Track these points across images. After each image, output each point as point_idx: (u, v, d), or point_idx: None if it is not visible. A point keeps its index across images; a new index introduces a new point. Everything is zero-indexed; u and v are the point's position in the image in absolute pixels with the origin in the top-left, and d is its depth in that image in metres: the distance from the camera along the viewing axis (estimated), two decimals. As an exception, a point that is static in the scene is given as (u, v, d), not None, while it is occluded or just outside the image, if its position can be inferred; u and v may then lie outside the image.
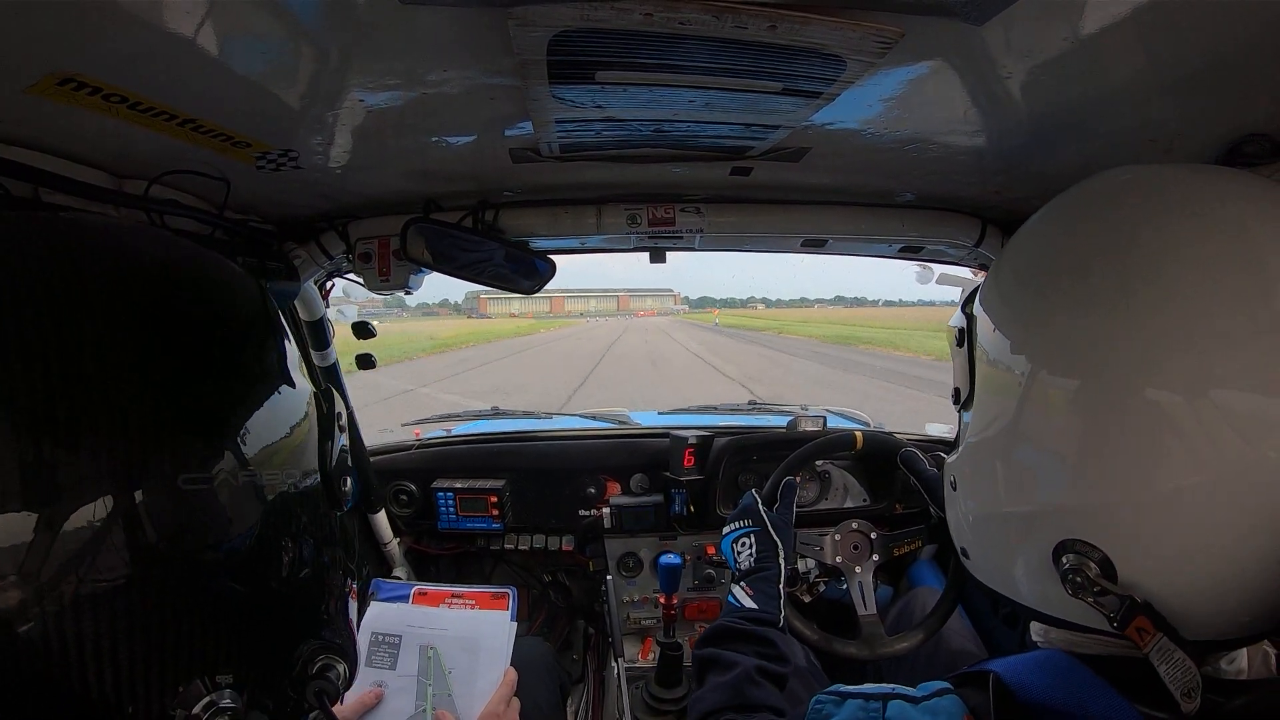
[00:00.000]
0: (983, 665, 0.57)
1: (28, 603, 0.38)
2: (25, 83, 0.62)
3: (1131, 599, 0.48)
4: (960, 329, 0.65)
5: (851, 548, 1.24)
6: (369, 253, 1.29)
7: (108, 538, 0.40)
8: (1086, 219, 0.55)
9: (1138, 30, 0.60)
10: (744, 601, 0.93)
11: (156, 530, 0.42)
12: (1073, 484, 0.51)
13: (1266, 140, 0.76)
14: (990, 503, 0.59)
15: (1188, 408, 0.45)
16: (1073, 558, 0.50)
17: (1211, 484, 0.45)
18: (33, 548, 0.38)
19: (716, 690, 0.81)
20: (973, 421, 0.62)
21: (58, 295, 0.42)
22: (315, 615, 0.56)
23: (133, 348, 0.44)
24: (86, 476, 0.40)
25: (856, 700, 0.61)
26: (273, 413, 0.51)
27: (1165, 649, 0.47)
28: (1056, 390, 0.51)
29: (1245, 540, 0.45)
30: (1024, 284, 0.58)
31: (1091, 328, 0.49)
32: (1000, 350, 0.57)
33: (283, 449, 0.52)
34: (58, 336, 0.41)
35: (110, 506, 0.40)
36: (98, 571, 0.40)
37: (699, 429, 1.75)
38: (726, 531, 1.08)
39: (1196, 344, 0.45)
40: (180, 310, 0.48)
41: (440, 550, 1.88)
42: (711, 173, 1.12)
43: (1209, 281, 0.46)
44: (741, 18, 0.57)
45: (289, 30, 0.62)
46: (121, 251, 0.48)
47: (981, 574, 0.63)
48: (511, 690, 0.95)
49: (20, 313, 0.41)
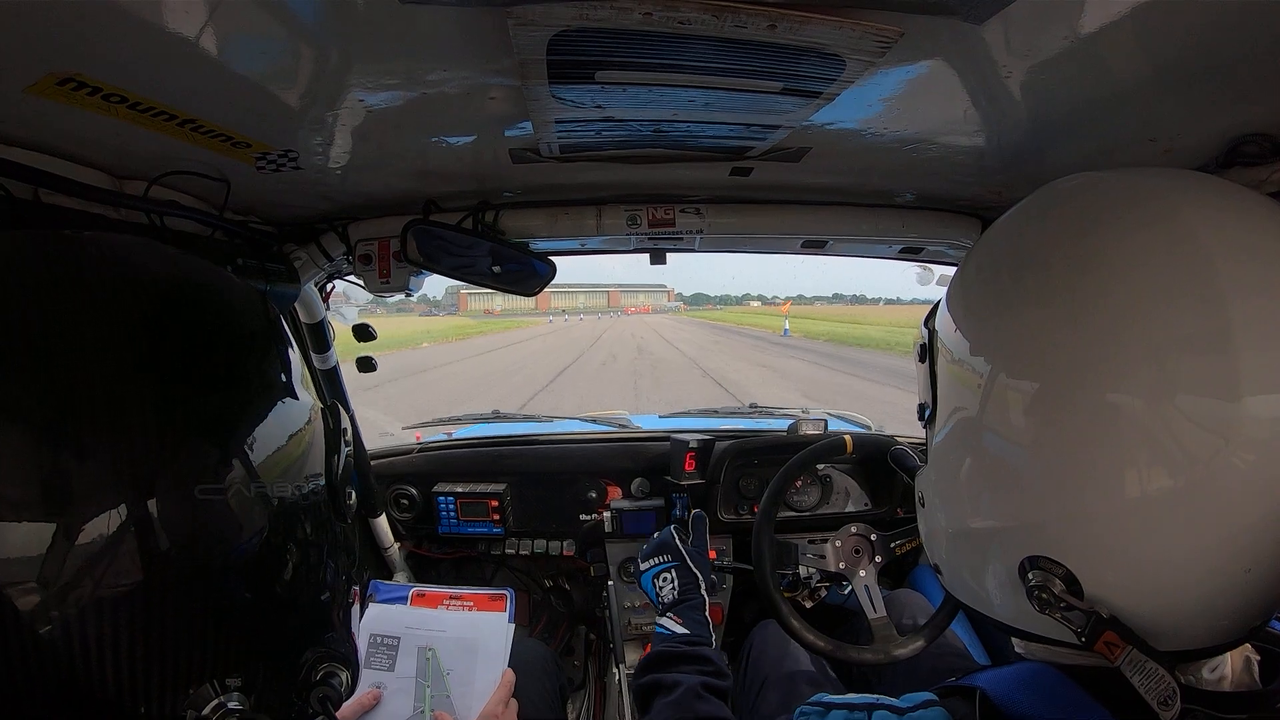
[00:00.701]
0: (970, 679, 0.57)
1: (47, 606, 0.40)
2: (25, 83, 0.62)
3: (1097, 614, 0.48)
4: (921, 345, 0.64)
5: (853, 551, 1.23)
6: (369, 254, 1.30)
7: (123, 545, 0.42)
8: (1046, 220, 0.55)
9: (1137, 30, 0.60)
10: (674, 629, 0.96)
11: (170, 538, 0.43)
12: (1033, 500, 0.50)
13: (1266, 140, 0.77)
14: (958, 518, 0.58)
15: (1144, 418, 0.44)
16: (1038, 574, 0.50)
17: (1171, 494, 0.44)
18: (51, 555, 0.40)
19: (664, 710, 0.81)
20: (936, 435, 0.61)
21: (72, 310, 0.44)
22: (320, 623, 0.57)
23: (144, 361, 0.46)
24: (101, 485, 0.42)
25: (840, 711, 0.60)
26: (281, 425, 0.53)
27: (1136, 660, 0.46)
28: (1015, 394, 0.50)
29: (1209, 551, 0.45)
30: (984, 289, 0.58)
31: (1047, 330, 0.49)
32: (961, 355, 0.56)
33: (291, 460, 0.53)
34: (73, 350, 0.43)
35: (124, 515, 0.42)
36: (114, 578, 0.41)
37: (700, 433, 1.75)
38: (645, 568, 1.11)
39: (1146, 351, 0.45)
40: (189, 324, 0.50)
41: (441, 555, 1.88)
42: (711, 173, 1.13)
43: (1160, 288, 0.45)
44: (741, 17, 0.57)
45: (289, 30, 0.62)
46: (132, 267, 0.49)
47: (955, 589, 0.62)
48: (509, 691, 0.94)
49: (38, 328, 0.43)
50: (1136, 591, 0.48)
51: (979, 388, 0.53)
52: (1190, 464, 0.44)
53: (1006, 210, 0.59)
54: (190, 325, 0.50)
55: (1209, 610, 0.47)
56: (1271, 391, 0.42)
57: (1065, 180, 0.56)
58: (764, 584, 1.21)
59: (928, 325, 0.64)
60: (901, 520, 1.63)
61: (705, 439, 1.69)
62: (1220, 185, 0.51)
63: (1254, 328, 0.43)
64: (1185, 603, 0.47)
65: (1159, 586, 0.47)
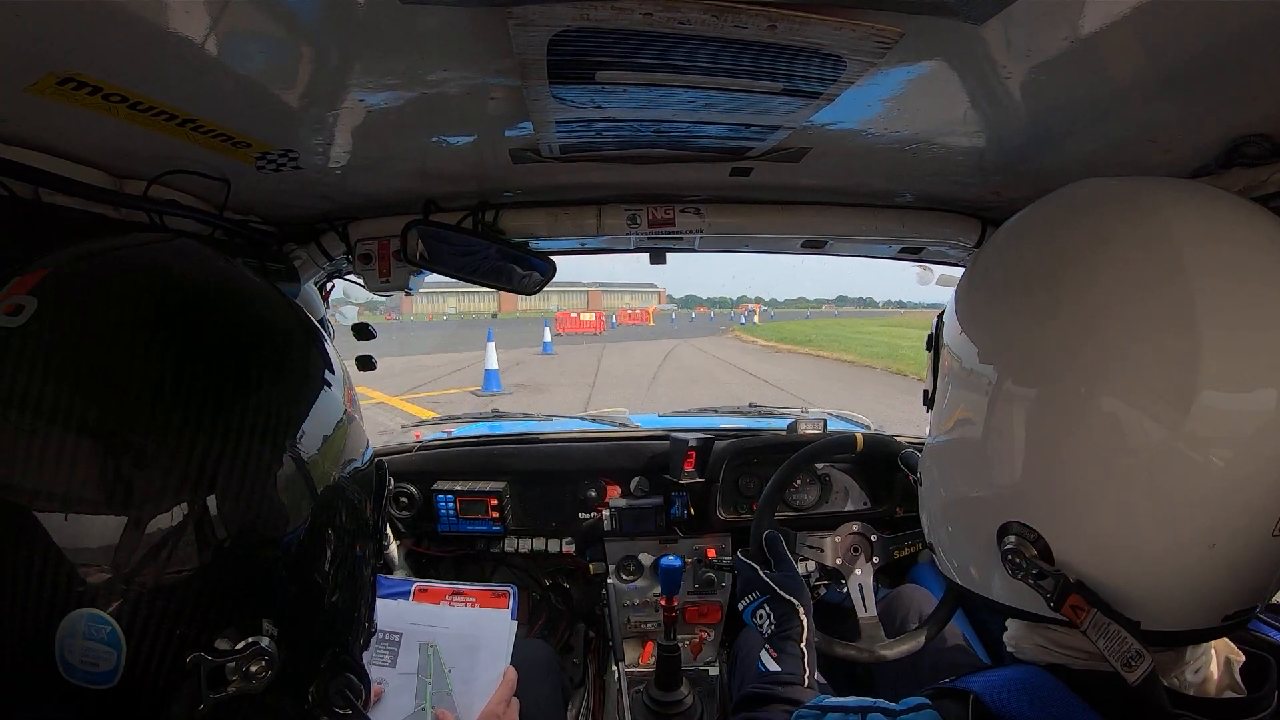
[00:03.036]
0: (963, 682, 0.58)
1: (114, 583, 0.44)
2: (25, 82, 0.62)
3: (1064, 577, 0.51)
4: (930, 335, 0.69)
5: (851, 550, 1.24)
6: (369, 254, 1.30)
7: (184, 533, 0.45)
8: (1042, 227, 0.59)
9: (1137, 30, 0.60)
10: (769, 665, 0.93)
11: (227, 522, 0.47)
12: (1015, 468, 0.54)
13: (1266, 140, 0.76)
14: (946, 491, 0.63)
15: (1112, 402, 0.48)
16: (1013, 539, 0.54)
17: (1131, 469, 0.48)
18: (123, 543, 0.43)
19: None
20: (933, 416, 0.66)
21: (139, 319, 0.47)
22: (350, 619, 0.59)
23: (206, 364, 0.48)
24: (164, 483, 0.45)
25: (837, 713, 0.62)
26: (328, 419, 0.55)
27: (1099, 623, 0.49)
28: (988, 377, 0.55)
29: (1171, 523, 0.48)
30: (983, 284, 0.62)
31: (1022, 322, 0.54)
32: (950, 339, 0.62)
33: (339, 451, 0.56)
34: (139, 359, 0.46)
35: (187, 506, 0.45)
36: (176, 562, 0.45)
37: (699, 431, 1.75)
38: (742, 608, 1.07)
39: (1105, 346, 0.49)
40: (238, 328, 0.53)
41: (440, 553, 1.88)
42: (711, 173, 1.13)
43: (1135, 286, 0.49)
44: (741, 17, 0.57)
45: (289, 30, 0.62)
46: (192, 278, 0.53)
47: (945, 566, 0.66)
48: (512, 690, 0.94)
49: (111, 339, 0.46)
50: (1104, 560, 0.51)
51: (961, 371, 0.59)
52: (1151, 446, 0.47)
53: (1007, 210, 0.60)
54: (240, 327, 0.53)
55: (1177, 586, 0.50)
56: (1227, 390, 0.47)
57: (1069, 187, 0.59)
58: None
59: (940, 318, 0.67)
60: (901, 520, 1.63)
61: (705, 438, 1.69)
62: (1215, 195, 0.54)
63: (1221, 335, 0.46)
64: (1151, 574, 0.50)
65: (1124, 555, 0.50)
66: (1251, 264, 0.48)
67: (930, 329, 0.69)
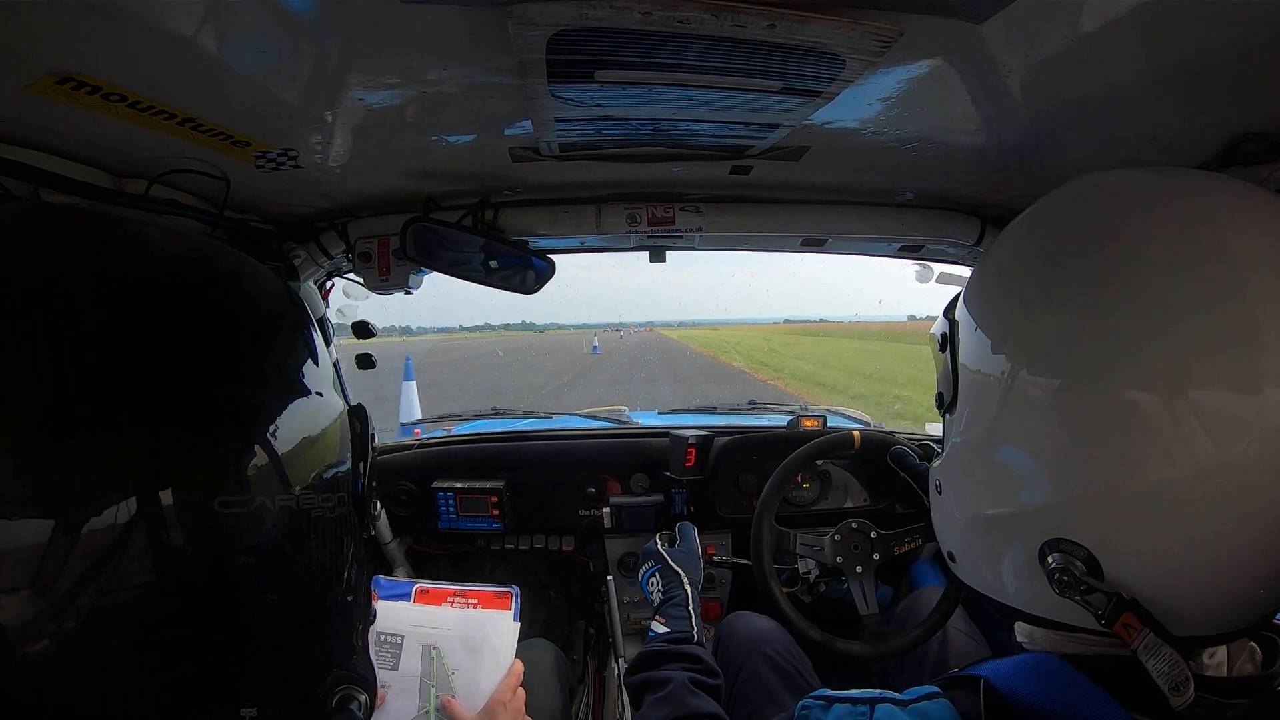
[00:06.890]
0: (973, 669, 0.57)
1: (43, 618, 0.37)
2: (25, 82, 0.62)
3: (1119, 595, 0.48)
4: (943, 334, 0.66)
5: (852, 547, 1.24)
6: (369, 252, 1.30)
7: (130, 544, 0.38)
8: (1067, 221, 0.56)
9: (1137, 29, 0.60)
10: (658, 629, 0.98)
11: (185, 539, 0.40)
12: (1056, 483, 0.51)
13: (1266, 140, 0.76)
14: (975, 505, 0.59)
15: (1165, 406, 0.45)
16: (1058, 557, 0.51)
17: (1189, 481, 0.45)
18: (49, 554, 0.37)
19: (656, 707, 0.82)
20: (955, 424, 0.62)
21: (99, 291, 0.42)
22: (341, 646, 0.55)
23: (168, 349, 0.43)
24: (107, 483, 0.39)
25: (844, 704, 0.60)
26: (307, 427, 0.50)
27: (1152, 644, 0.47)
28: (1036, 389, 0.51)
29: (1227, 536, 0.46)
30: (1005, 284, 0.59)
31: (1070, 326, 0.50)
32: (981, 350, 0.57)
33: (319, 465, 0.50)
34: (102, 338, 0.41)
35: (133, 510, 0.38)
36: (120, 581, 0.38)
37: (699, 428, 1.75)
38: (640, 576, 1.17)
39: (1172, 344, 0.46)
40: (214, 306, 0.47)
41: (440, 550, 1.88)
42: (711, 172, 1.13)
43: (1183, 283, 0.46)
44: (740, 16, 0.57)
45: (289, 29, 0.62)
46: (162, 248, 0.47)
47: (969, 577, 0.63)
48: (518, 680, 0.94)
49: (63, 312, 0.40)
50: (1156, 575, 0.48)
51: (1000, 382, 0.54)
52: (1207, 454, 0.44)
53: (1006, 208, 0.59)
54: (216, 304, 0.48)
55: (1225, 596, 0.48)
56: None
57: (1087, 177, 0.57)
58: (759, 569, 1.22)
59: (948, 316, 0.65)
60: (901, 517, 1.63)
61: (704, 434, 1.69)
62: (1237, 185, 0.52)
63: (1278, 323, 0.44)
64: (1202, 588, 0.48)
65: (1178, 570, 0.48)
66: None
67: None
